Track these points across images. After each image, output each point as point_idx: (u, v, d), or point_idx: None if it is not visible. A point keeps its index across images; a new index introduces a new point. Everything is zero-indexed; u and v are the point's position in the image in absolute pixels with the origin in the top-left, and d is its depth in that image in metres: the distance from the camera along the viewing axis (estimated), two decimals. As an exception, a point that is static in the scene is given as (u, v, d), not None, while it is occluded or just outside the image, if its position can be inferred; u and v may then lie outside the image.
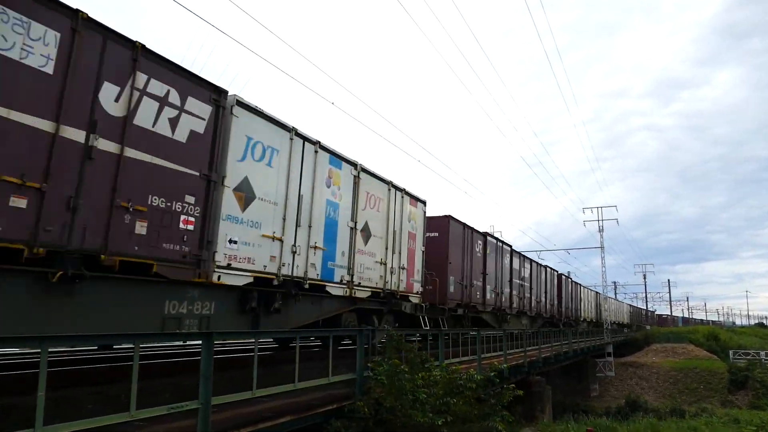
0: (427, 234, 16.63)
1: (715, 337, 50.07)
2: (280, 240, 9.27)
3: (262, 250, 8.79)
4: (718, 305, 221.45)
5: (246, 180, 8.55)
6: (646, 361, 41.53)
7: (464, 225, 19.49)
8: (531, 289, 28.28)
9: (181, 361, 9.96)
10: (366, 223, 12.25)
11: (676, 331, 57.02)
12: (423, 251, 15.35)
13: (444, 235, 17.98)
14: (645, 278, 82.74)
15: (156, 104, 7.15)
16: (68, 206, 6.02)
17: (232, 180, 8.25)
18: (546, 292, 31.54)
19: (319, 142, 10.66)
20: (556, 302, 33.90)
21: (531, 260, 29.12)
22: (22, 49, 5.64)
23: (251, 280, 8.53)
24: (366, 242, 12.21)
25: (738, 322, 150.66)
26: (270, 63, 12.01)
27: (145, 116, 6.99)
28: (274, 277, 9.06)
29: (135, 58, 6.87)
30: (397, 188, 13.90)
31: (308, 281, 10.01)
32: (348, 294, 11.39)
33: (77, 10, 6.17)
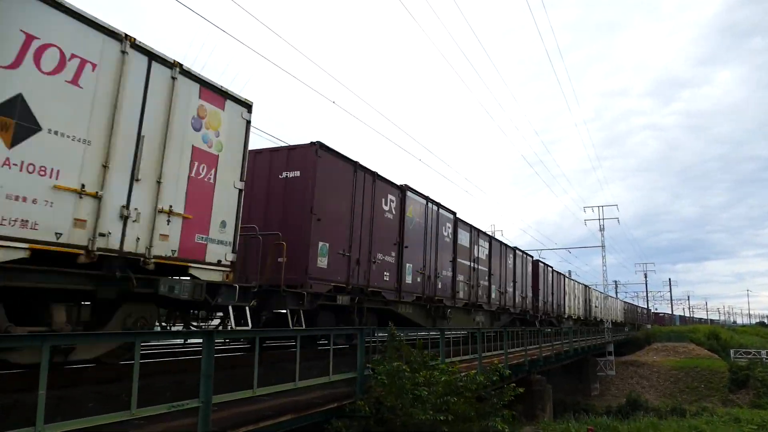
0: (285, 174, 11.41)
1: (716, 336, 50.10)
2: None
3: None
4: (719, 304, 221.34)
5: None
6: (647, 360, 41.52)
7: (356, 165, 12.70)
8: (491, 275, 22.00)
9: (182, 359, 9.96)
10: (21, 101, 5.68)
11: (677, 330, 56.98)
12: (240, 191, 8.72)
13: (308, 175, 11.22)
14: (646, 277, 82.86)
15: None
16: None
17: None
18: (515, 282, 25.68)
19: None
20: (529, 295, 28.23)
21: (492, 237, 23.29)
22: None
23: None
24: (16, 142, 5.61)
25: (739, 321, 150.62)
26: (271, 62, 12.01)
27: None
28: None
29: None
30: (155, 57, 7.30)
31: None
32: None
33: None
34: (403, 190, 15.10)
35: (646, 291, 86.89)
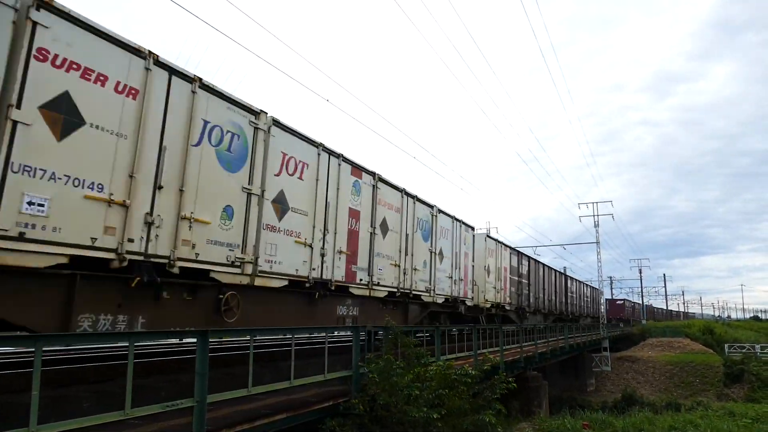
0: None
1: (711, 330, 50.33)
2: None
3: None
4: (714, 299, 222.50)
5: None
6: (642, 356, 41.67)
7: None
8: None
9: (179, 358, 9.96)
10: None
11: (672, 325, 57.24)
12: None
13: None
14: (641, 273, 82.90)
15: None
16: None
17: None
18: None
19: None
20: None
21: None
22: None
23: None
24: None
25: (734, 315, 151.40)
26: (265, 60, 11.98)
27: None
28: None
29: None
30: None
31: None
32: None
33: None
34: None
35: (641, 287, 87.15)
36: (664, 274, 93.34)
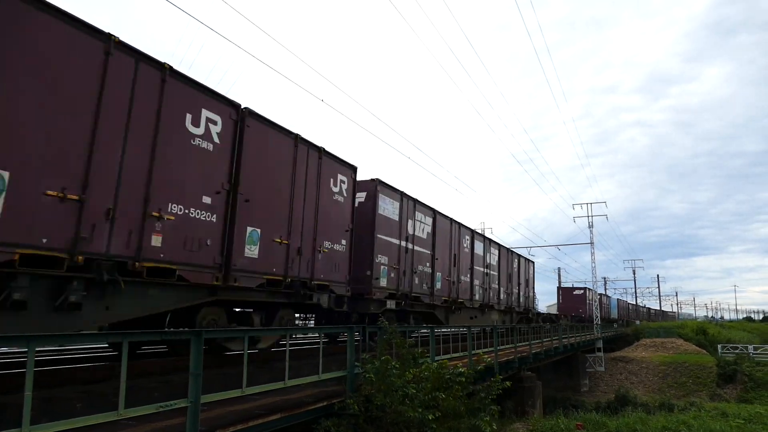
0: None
1: (704, 331, 50.58)
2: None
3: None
4: (707, 300, 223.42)
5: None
6: (636, 356, 41.82)
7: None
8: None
9: (174, 359, 9.92)
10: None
11: (666, 326, 57.46)
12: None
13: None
14: (634, 273, 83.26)
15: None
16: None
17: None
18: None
19: None
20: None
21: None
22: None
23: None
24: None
25: (727, 316, 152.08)
26: (260, 60, 11.94)
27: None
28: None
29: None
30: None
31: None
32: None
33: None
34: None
35: (635, 287, 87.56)
36: (658, 275, 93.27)
